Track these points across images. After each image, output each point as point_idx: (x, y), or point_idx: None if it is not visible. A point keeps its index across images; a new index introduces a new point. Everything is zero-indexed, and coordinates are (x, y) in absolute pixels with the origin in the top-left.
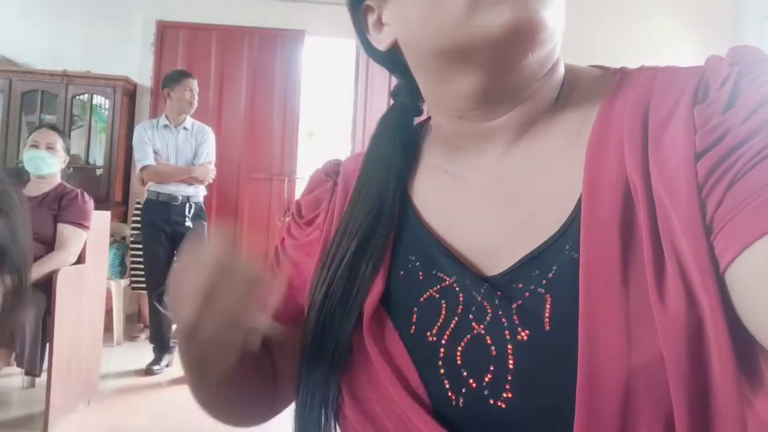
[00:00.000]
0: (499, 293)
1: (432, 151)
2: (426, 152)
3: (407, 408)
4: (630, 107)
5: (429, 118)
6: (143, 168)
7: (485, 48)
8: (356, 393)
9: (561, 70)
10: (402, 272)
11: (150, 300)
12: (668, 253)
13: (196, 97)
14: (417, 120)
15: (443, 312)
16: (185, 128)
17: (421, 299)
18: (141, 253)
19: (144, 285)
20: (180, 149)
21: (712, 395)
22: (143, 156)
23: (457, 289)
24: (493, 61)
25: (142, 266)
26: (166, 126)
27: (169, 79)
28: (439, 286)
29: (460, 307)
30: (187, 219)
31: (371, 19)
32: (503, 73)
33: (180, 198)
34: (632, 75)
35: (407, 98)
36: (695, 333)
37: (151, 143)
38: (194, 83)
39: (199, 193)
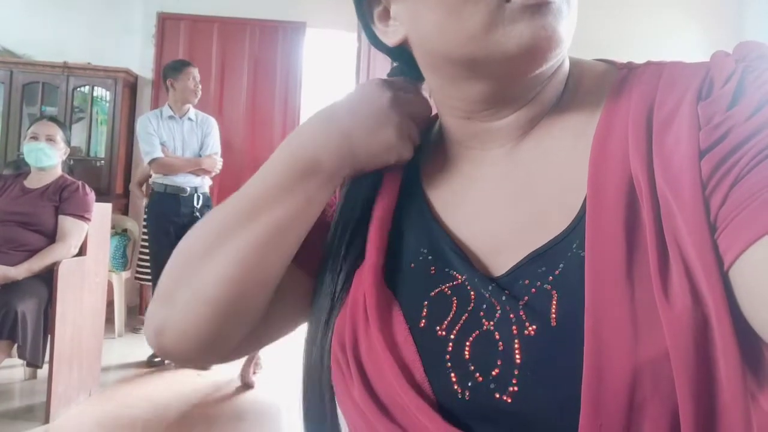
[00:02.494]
0: (506, 292)
1: (442, 147)
2: (437, 148)
3: (411, 402)
4: (635, 103)
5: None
6: (153, 160)
7: (500, 62)
8: (366, 381)
9: (566, 66)
10: (413, 264)
11: (155, 291)
12: (673, 250)
13: (200, 86)
14: None
15: (454, 308)
16: (190, 119)
17: (432, 293)
18: (145, 246)
19: (149, 277)
20: (186, 140)
21: (717, 391)
22: (151, 148)
23: (468, 287)
24: (505, 73)
25: (147, 258)
26: (171, 117)
27: (170, 69)
28: (451, 284)
29: (471, 304)
30: (195, 210)
31: (377, 10)
32: (514, 81)
33: (188, 189)
34: (638, 70)
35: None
36: (700, 330)
37: (157, 135)
38: (196, 72)
39: (204, 183)
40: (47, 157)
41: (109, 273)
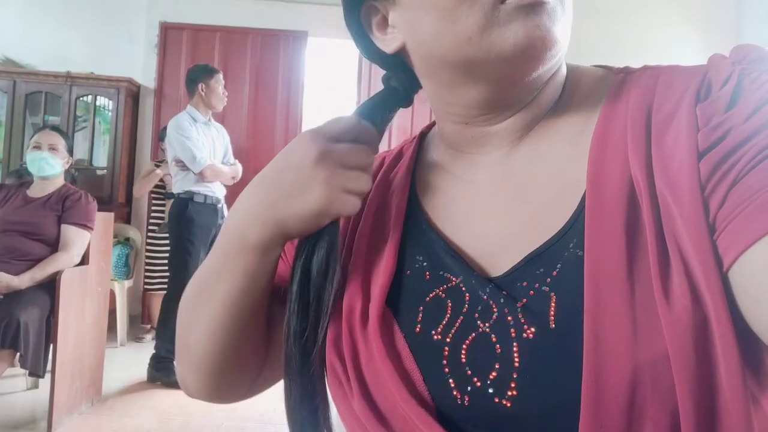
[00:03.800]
0: (504, 293)
1: (438, 154)
2: (433, 154)
3: (411, 411)
4: (633, 106)
5: (435, 122)
6: (207, 167)
7: (496, 64)
8: (366, 392)
9: (563, 71)
10: (409, 272)
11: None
12: (672, 251)
13: (226, 93)
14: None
15: (449, 311)
16: (214, 125)
17: (427, 298)
18: (153, 254)
19: (162, 286)
20: (215, 147)
21: (717, 392)
22: (203, 153)
23: (463, 289)
24: (501, 75)
25: (155, 267)
26: (204, 122)
27: (201, 73)
28: (445, 286)
29: (466, 306)
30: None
31: (375, 19)
32: (511, 85)
33: (222, 200)
34: (635, 74)
35: (398, 85)
36: (700, 331)
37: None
38: (221, 77)
39: (223, 193)
40: (50, 166)
41: (111, 282)
